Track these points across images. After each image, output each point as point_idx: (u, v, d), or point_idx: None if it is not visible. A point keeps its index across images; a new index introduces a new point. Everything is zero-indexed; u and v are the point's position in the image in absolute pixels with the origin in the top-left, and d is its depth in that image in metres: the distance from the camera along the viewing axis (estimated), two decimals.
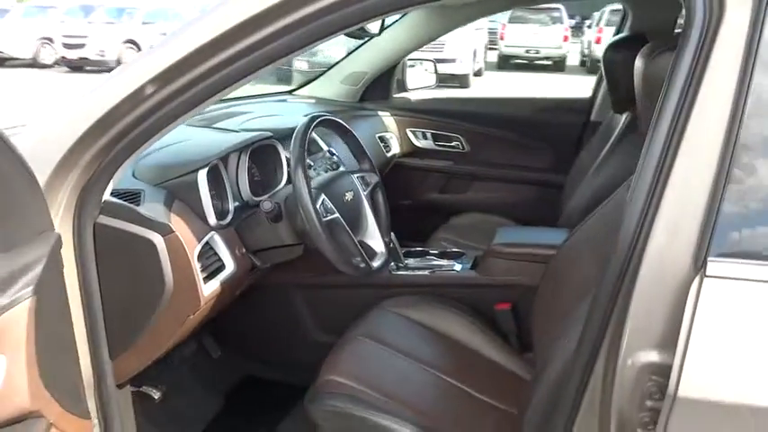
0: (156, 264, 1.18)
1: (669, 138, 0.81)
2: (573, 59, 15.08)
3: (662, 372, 0.81)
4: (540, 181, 2.52)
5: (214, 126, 1.80)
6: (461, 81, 11.21)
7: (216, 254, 1.36)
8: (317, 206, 1.30)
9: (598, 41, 13.46)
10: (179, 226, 1.24)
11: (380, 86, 2.58)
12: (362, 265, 1.39)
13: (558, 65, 14.42)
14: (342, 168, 1.57)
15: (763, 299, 0.76)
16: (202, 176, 1.33)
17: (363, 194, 1.53)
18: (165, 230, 1.19)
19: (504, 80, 12.80)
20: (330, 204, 1.35)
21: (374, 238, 1.52)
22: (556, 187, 2.45)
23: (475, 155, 2.59)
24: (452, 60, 10.55)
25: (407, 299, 1.72)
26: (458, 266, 1.80)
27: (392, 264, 1.79)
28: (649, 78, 1.01)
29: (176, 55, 0.96)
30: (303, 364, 2.01)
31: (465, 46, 11.26)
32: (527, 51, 14.26)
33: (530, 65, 14.52)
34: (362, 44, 2.46)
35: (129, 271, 1.19)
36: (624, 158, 1.75)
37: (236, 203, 1.48)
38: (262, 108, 2.22)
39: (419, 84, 2.70)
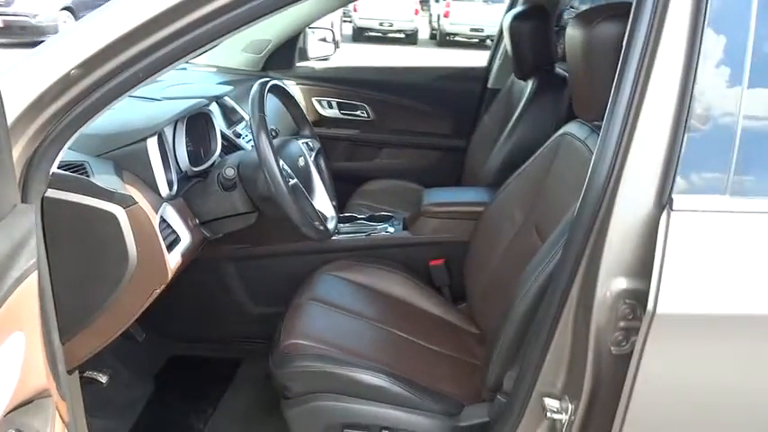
0: (119, 238, 1.12)
1: (632, 95, 0.93)
2: (423, 33, 15.50)
3: (635, 296, 0.95)
4: (442, 146, 2.66)
5: (133, 95, 1.68)
6: None
7: (170, 226, 1.31)
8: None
9: (446, 15, 14.01)
10: (137, 197, 1.18)
11: (283, 55, 2.55)
12: (321, 228, 1.41)
13: (410, 38, 14.65)
14: (281, 137, 1.56)
15: (717, 225, 0.93)
16: (153, 145, 1.27)
17: (310, 160, 1.54)
18: (126, 202, 1.13)
19: (360, 53, 12.90)
20: (288, 170, 1.35)
21: (324, 202, 1.54)
22: (457, 151, 2.60)
23: (380, 123, 2.67)
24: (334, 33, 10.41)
25: (345, 263, 1.77)
26: (391, 228, 1.88)
27: None
28: (591, 44, 1.14)
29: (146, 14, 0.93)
30: (236, 338, 1.99)
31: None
32: (381, 24, 14.31)
33: (383, 38, 14.68)
34: None
35: (85, 247, 1.12)
36: (535, 122, 1.93)
37: (178, 174, 1.43)
38: (168, 77, 2.10)
39: (319, 52, 2.70)
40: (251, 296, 1.91)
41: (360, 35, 14.45)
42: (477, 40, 14.37)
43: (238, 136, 1.77)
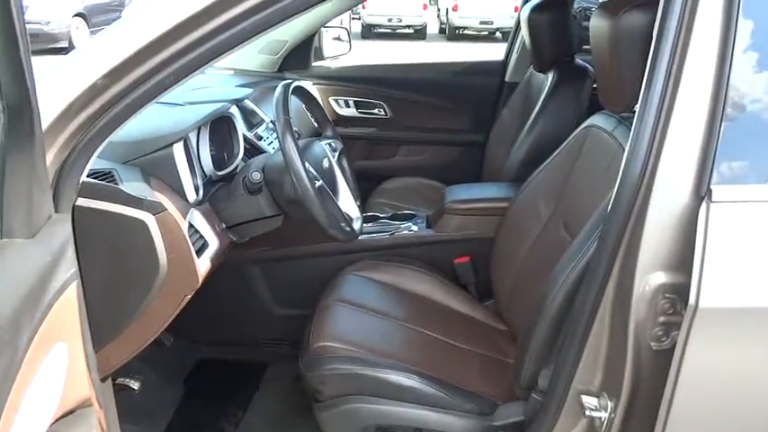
0: (149, 245, 1.12)
1: (666, 85, 0.92)
2: (432, 27, 15.42)
3: (675, 290, 0.94)
4: (461, 141, 2.64)
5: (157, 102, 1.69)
6: None
7: (197, 231, 1.31)
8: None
9: (455, 9, 13.91)
10: (166, 204, 1.18)
11: (299, 55, 2.55)
12: (348, 228, 1.41)
13: (419, 33, 14.57)
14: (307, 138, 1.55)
15: (758, 215, 0.91)
16: (179, 150, 1.27)
17: (334, 161, 1.53)
18: (156, 209, 1.13)
19: (371, 49, 12.87)
20: (314, 171, 1.35)
21: (349, 203, 1.54)
22: (476, 146, 2.59)
23: (398, 120, 2.65)
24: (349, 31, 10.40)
25: (370, 263, 1.76)
26: (414, 227, 1.87)
27: None
28: (619, 34, 1.12)
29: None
30: (262, 341, 1.99)
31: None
32: (389, 20, 14.24)
33: (393, 33, 14.62)
34: None
35: (116, 255, 1.12)
36: (556, 115, 1.91)
37: (203, 179, 1.43)
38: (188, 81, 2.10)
39: (334, 51, 2.69)
40: (276, 299, 1.91)
41: (369, 32, 14.38)
42: (486, 33, 14.29)
43: (260, 139, 1.77)
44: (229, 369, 1.99)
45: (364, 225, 1.88)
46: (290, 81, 1.42)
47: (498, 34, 13.99)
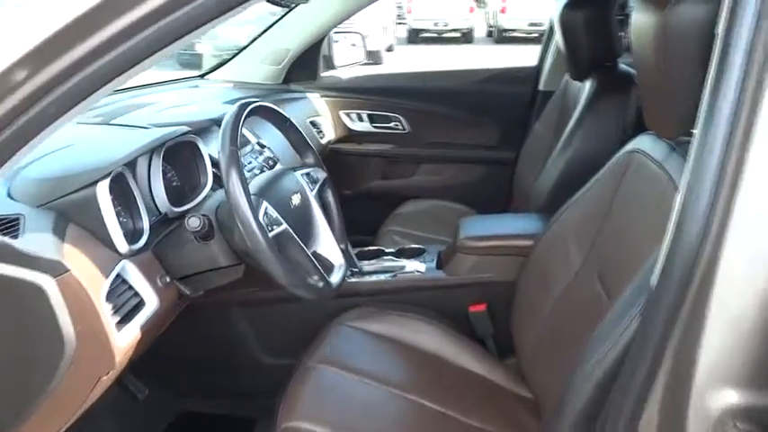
0: (49, 314, 0.88)
1: (738, 102, 0.60)
2: (479, 31, 15.12)
3: (751, 417, 0.62)
4: (488, 159, 2.33)
5: (113, 122, 1.46)
6: (374, 57, 10.93)
7: (131, 288, 1.06)
8: (260, 217, 1.03)
9: (503, 11, 13.57)
10: (76, 260, 0.93)
11: (306, 65, 2.29)
12: (321, 284, 1.13)
13: (466, 36, 14.35)
14: (280, 165, 1.28)
15: None
16: (103, 190, 1.02)
17: (311, 195, 1.26)
18: (56, 270, 0.89)
19: (416, 54, 12.67)
20: (275, 213, 1.08)
21: (329, 248, 1.26)
22: (506, 164, 2.27)
23: (417, 135, 2.36)
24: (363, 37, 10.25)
25: (367, 310, 1.48)
26: (421, 266, 1.57)
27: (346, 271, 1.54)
28: (668, 33, 0.81)
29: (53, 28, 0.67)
30: (250, 393, 1.73)
31: (374, 21, 10.98)
32: (435, 24, 14.08)
33: (439, 38, 14.41)
34: (281, 17, 2.15)
35: (12, 328, 0.89)
36: (594, 132, 1.58)
37: (153, 218, 1.18)
38: (171, 97, 1.89)
39: (347, 60, 2.43)
40: (264, 346, 1.65)
41: (415, 37, 14.36)
42: (536, 35, 13.90)
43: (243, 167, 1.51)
44: (214, 424, 1.74)
45: (365, 263, 1.61)
46: (250, 100, 1.15)
47: None
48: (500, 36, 14.03)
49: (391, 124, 2.36)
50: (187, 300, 1.21)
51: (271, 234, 1.03)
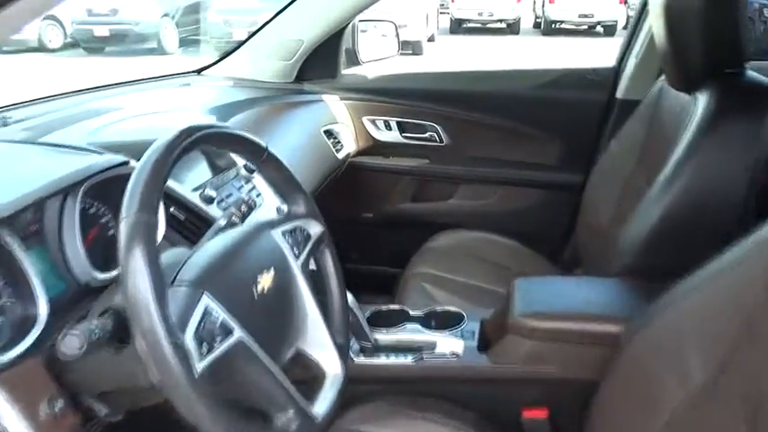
0: None
1: None
2: (526, 21, 14.54)
3: None
4: (547, 182, 1.87)
5: (41, 141, 1.08)
6: (414, 48, 10.49)
7: None
8: (189, 331, 0.61)
9: (552, 1, 13.04)
10: None
11: (324, 60, 1.87)
12: (296, 423, 0.71)
13: (511, 27, 13.86)
14: (257, 219, 0.85)
15: None
16: None
17: (296, 266, 0.84)
18: None
19: (458, 45, 12.18)
20: (222, 316, 0.66)
21: (320, 344, 0.83)
22: (569, 189, 1.82)
23: (457, 149, 1.92)
24: (404, 26, 9.80)
25: (382, 407, 1.07)
26: (458, 344, 1.14)
27: (354, 344, 1.12)
28: None
29: None
30: None
31: (416, 10, 10.50)
32: (480, 14, 13.63)
33: (483, 28, 13.90)
34: (292, 1, 1.74)
35: None
36: (715, 163, 1.11)
37: (60, 288, 0.79)
38: (149, 99, 1.50)
39: (377, 54, 2.00)
40: None
41: (458, 27, 14.03)
42: (585, 27, 13.28)
43: (209, 201, 1.10)
44: None
45: (380, 332, 1.19)
46: (199, 125, 0.74)
47: (599, 28, 13.02)
48: (548, 27, 13.57)
49: (426, 135, 1.92)
50: (101, 423, 0.80)
51: (208, 358, 0.62)
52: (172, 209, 1.04)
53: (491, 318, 1.20)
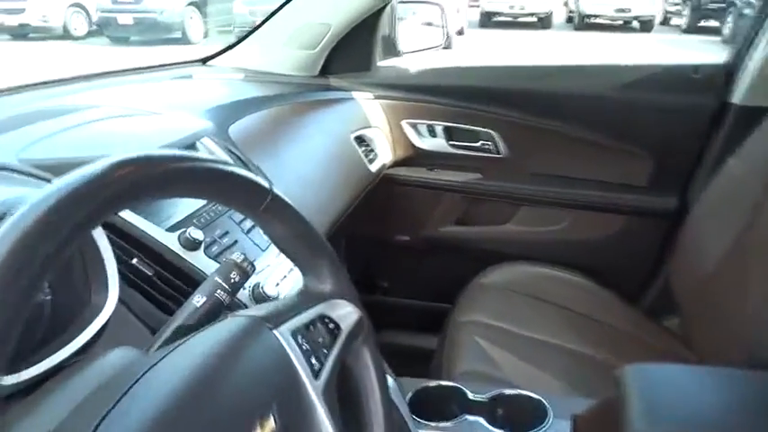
0: None
1: None
2: (558, 15, 14.13)
3: None
4: (633, 206, 1.50)
5: None
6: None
7: None
8: None
9: None
10: None
11: (355, 49, 1.53)
12: None
13: (543, 21, 13.51)
14: (251, 303, 0.51)
15: None
16: None
17: (316, 393, 0.49)
18: None
19: (490, 39, 11.78)
20: None
21: None
22: (659, 216, 1.46)
23: (518, 162, 1.56)
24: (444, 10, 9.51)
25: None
26: None
27: None
28: None
29: None
30: None
31: (447, 3, 10.14)
32: (511, 7, 13.35)
33: (514, 22, 13.52)
34: None
35: None
36: None
37: None
38: (134, 94, 1.17)
39: (419, 44, 1.65)
40: None
41: (488, 20, 13.75)
42: (621, 22, 12.79)
43: (194, 246, 0.76)
44: None
45: (432, 423, 0.85)
46: (130, 160, 0.39)
47: (635, 24, 12.53)
48: (581, 22, 13.14)
49: (479, 143, 1.56)
50: None
51: None
52: (134, 260, 0.71)
53: (588, 414, 0.85)
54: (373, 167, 1.47)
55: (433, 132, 1.58)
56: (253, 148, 1.11)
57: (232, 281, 0.59)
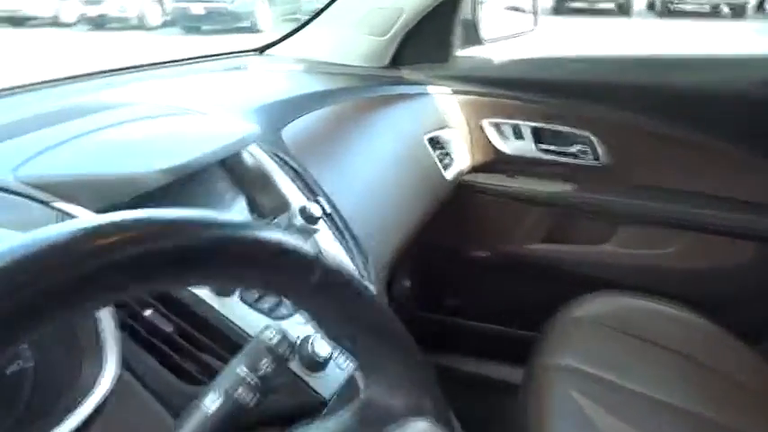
0: None
1: None
2: (639, 2, 13.40)
3: None
4: (761, 231, 1.24)
5: None
6: None
7: None
8: None
9: None
10: None
11: (431, 36, 1.33)
12: None
13: (622, 8, 12.94)
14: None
15: None
16: None
17: None
18: None
19: (565, 26, 11.30)
20: None
21: None
22: None
23: (621, 171, 1.32)
24: None
25: None
26: None
27: None
28: None
29: None
30: None
31: None
32: None
33: (590, 9, 12.95)
34: None
35: None
36: None
37: None
38: (177, 89, 1.02)
39: (503, 31, 1.43)
40: None
41: (562, 7, 13.30)
42: (708, 9, 11.97)
43: (228, 290, 0.58)
44: None
45: None
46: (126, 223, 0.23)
47: (725, 10, 11.67)
48: (664, 8, 12.43)
49: (573, 148, 1.33)
50: None
51: None
52: (148, 312, 0.55)
53: None
54: (449, 174, 1.27)
55: (518, 134, 1.36)
56: (311, 152, 0.94)
57: (261, 372, 0.41)
